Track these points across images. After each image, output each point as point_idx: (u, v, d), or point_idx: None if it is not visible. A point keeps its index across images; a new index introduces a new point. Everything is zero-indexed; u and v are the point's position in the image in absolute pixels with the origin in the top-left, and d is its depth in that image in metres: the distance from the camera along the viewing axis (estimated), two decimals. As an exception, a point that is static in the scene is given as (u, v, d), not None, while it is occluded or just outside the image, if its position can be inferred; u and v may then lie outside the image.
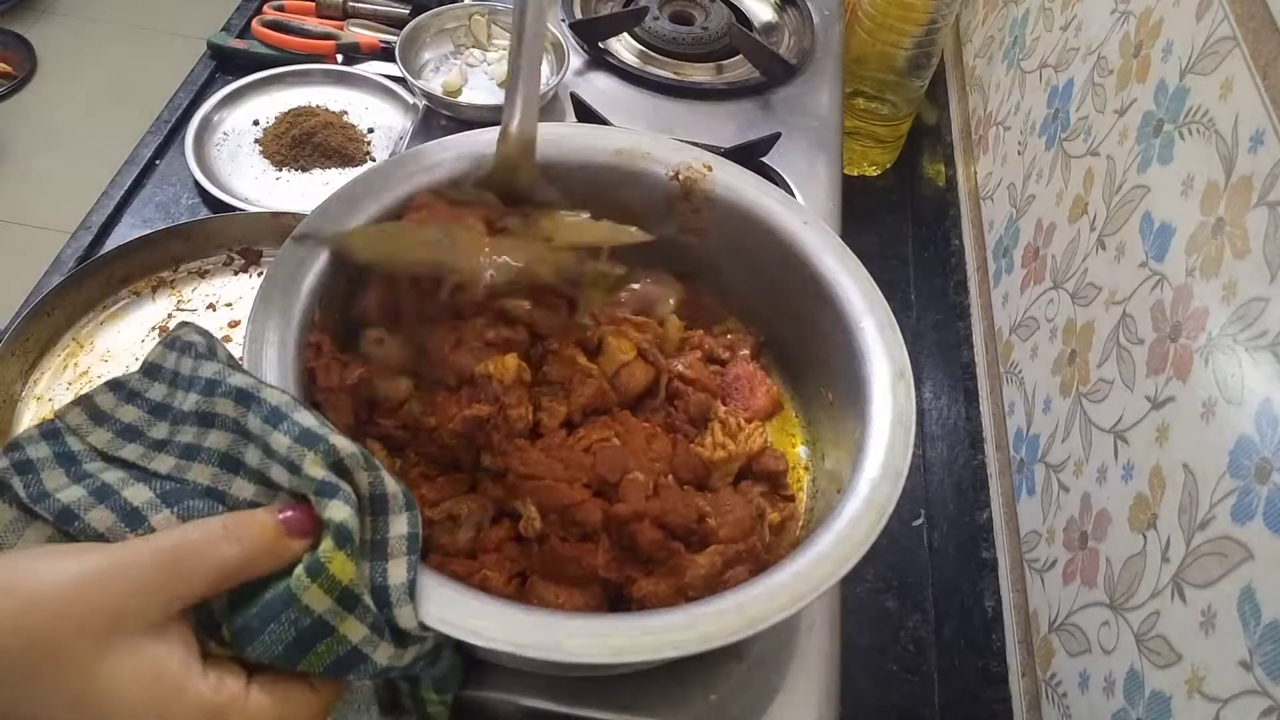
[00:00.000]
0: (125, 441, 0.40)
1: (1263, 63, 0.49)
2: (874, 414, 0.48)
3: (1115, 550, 0.54)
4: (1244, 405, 0.45)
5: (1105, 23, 0.70)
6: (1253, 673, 0.41)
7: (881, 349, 0.51)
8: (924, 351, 0.91)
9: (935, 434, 0.84)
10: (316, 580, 0.36)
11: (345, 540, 0.37)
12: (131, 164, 0.87)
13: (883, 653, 0.73)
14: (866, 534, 0.43)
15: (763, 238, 0.58)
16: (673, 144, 0.61)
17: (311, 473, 0.37)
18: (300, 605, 0.35)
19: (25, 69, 2.17)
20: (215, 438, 0.39)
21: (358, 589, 0.37)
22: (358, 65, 0.96)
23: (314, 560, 0.36)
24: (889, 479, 0.45)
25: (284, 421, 0.38)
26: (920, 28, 0.94)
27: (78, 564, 0.32)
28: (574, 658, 0.38)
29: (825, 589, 0.41)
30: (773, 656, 0.53)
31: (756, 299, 0.62)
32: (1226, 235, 0.49)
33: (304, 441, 0.37)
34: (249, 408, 0.39)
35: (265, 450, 0.38)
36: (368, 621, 0.37)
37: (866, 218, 1.03)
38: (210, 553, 0.35)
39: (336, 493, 0.37)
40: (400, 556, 0.39)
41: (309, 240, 0.50)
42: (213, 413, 0.39)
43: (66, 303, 0.73)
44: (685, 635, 0.39)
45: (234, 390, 0.39)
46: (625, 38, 0.94)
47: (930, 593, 0.76)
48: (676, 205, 0.60)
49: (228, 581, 0.35)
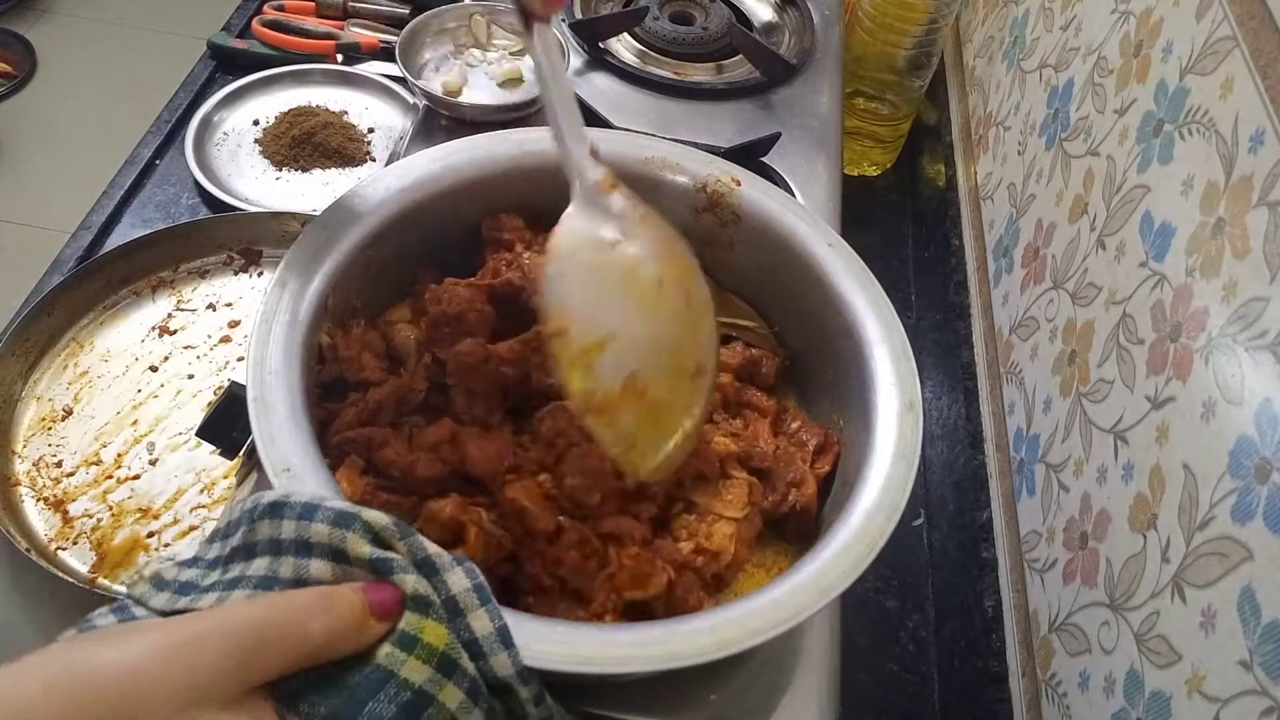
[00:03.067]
0: (180, 595, 0.39)
1: (1263, 63, 0.49)
2: (878, 445, 0.48)
3: (1115, 550, 0.54)
4: (1244, 405, 0.45)
5: (1105, 23, 0.70)
6: (1253, 673, 0.41)
7: (893, 379, 0.50)
8: (924, 351, 0.91)
9: (935, 434, 0.84)
10: (413, 652, 0.35)
11: (426, 606, 0.36)
12: (131, 164, 0.87)
13: (883, 653, 0.73)
14: (853, 565, 0.43)
15: (787, 256, 0.58)
16: (703, 156, 0.61)
17: (359, 552, 0.37)
18: (400, 680, 0.34)
19: (25, 69, 2.17)
20: (256, 565, 0.38)
21: (454, 653, 0.36)
22: (358, 65, 0.96)
23: (402, 634, 0.35)
24: (883, 512, 0.45)
25: (318, 512, 0.38)
26: (920, 28, 0.94)
27: (154, 639, 0.31)
28: (535, 662, 0.38)
29: (804, 618, 0.41)
30: (773, 656, 0.53)
31: (779, 317, 0.61)
32: (1226, 235, 0.49)
33: (341, 524, 0.37)
34: (282, 516, 0.38)
35: (302, 549, 0.37)
36: (464, 687, 0.36)
37: (866, 218, 1.03)
38: (296, 628, 0.33)
39: (392, 564, 0.37)
40: (477, 609, 0.38)
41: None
42: (254, 541, 0.39)
43: (66, 303, 0.73)
44: (655, 650, 0.39)
45: (267, 507, 0.39)
46: (625, 38, 0.94)
47: (930, 593, 0.76)
48: (703, 217, 0.60)
49: (312, 659, 0.34)
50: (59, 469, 0.67)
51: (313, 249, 0.51)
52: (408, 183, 0.55)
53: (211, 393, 0.72)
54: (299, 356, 0.47)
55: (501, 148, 0.59)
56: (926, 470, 0.83)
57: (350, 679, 0.34)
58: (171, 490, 0.66)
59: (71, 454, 0.67)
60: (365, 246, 0.53)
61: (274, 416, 0.44)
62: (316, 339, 0.49)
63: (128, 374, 0.72)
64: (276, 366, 0.46)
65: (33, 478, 0.66)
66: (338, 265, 0.51)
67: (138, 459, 0.68)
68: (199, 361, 0.74)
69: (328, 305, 0.50)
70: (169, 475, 0.67)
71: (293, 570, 0.37)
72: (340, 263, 0.51)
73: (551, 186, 0.60)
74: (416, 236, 0.56)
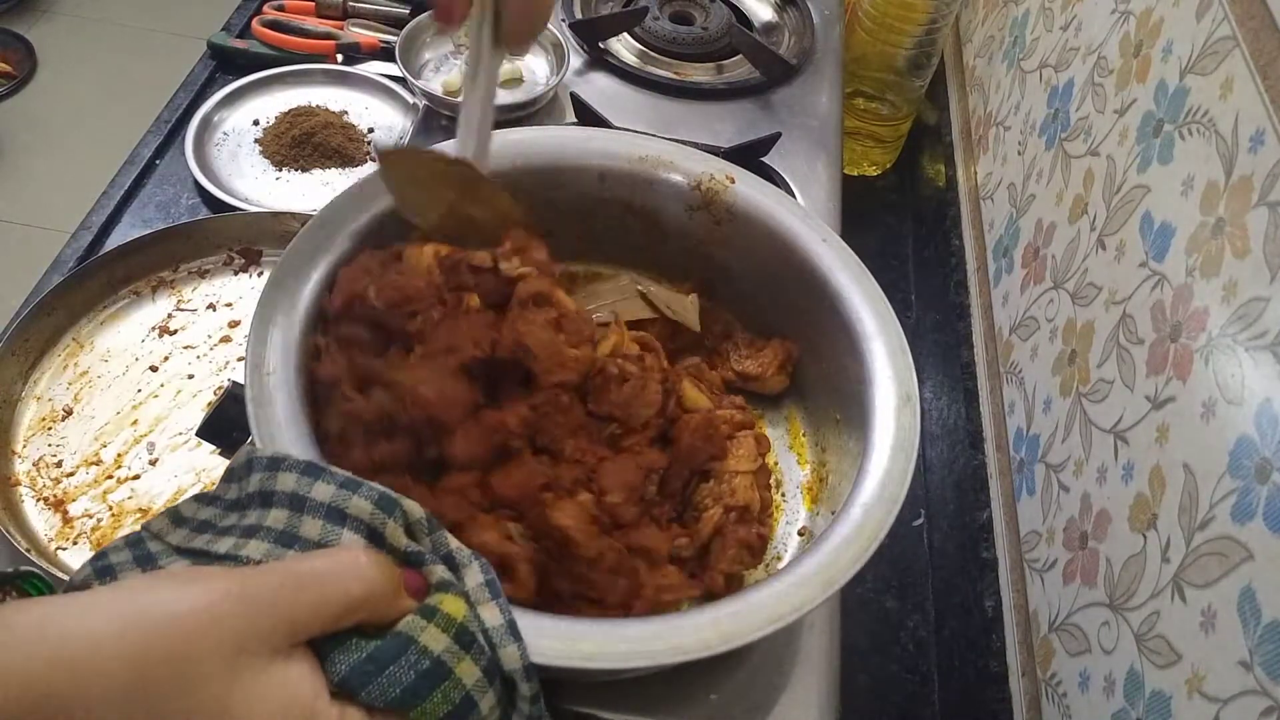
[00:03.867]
0: (197, 534, 0.40)
1: (1263, 63, 0.49)
2: (876, 438, 0.48)
3: (1115, 550, 0.54)
4: (1244, 405, 0.45)
5: (1105, 23, 0.70)
6: (1253, 673, 0.41)
7: (890, 373, 0.51)
8: (924, 351, 0.91)
9: (935, 434, 0.84)
10: (432, 620, 0.36)
11: (447, 587, 0.38)
12: (131, 164, 0.87)
13: (883, 653, 0.73)
14: (854, 559, 0.43)
15: (781, 253, 0.58)
16: (697, 154, 0.61)
17: (396, 541, 0.38)
18: (419, 647, 0.35)
19: (25, 69, 2.17)
20: (274, 515, 0.39)
21: (472, 625, 0.37)
22: (358, 65, 0.96)
23: (425, 606, 0.37)
24: (883, 505, 0.45)
25: (361, 488, 0.39)
26: (920, 28, 0.94)
27: (205, 587, 0.32)
28: (539, 659, 0.38)
29: (806, 612, 0.41)
30: (773, 656, 0.53)
31: (774, 314, 0.61)
32: (1226, 235, 0.49)
33: (384, 508, 0.38)
34: (316, 477, 0.39)
35: (335, 516, 0.38)
36: (481, 664, 0.37)
37: (866, 218, 1.03)
38: (337, 585, 0.34)
39: (424, 556, 0.39)
40: (488, 602, 0.39)
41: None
42: (272, 490, 0.39)
43: (66, 303, 0.73)
44: (659, 645, 0.39)
45: (298, 463, 0.39)
46: (625, 38, 0.94)
47: (930, 593, 0.76)
48: (697, 215, 0.60)
49: (348, 617, 0.35)
50: (59, 469, 0.67)
51: (310, 248, 0.51)
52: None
53: (211, 393, 0.72)
54: (296, 356, 0.47)
55: (501, 149, 0.59)
56: (927, 470, 0.83)
57: (372, 643, 0.35)
58: (171, 490, 0.66)
59: (71, 454, 0.67)
60: (364, 244, 0.52)
61: (272, 417, 0.44)
62: (314, 339, 0.49)
63: (128, 374, 0.72)
64: (275, 367, 0.46)
65: (33, 478, 0.66)
66: (335, 264, 0.51)
67: (138, 459, 0.68)
68: (199, 361, 0.74)
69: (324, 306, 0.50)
70: (169, 475, 0.67)
71: (319, 533, 0.38)
72: (337, 262, 0.51)
73: (555, 184, 0.61)
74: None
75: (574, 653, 0.38)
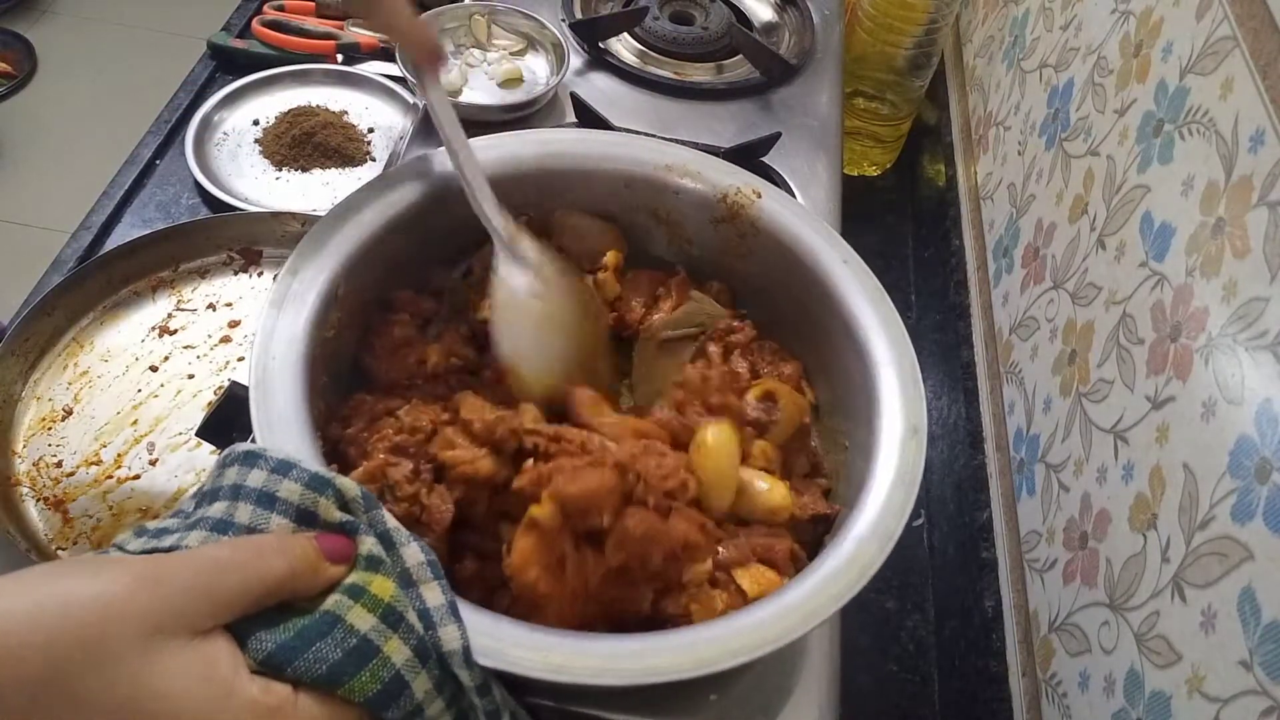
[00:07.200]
0: (154, 539, 0.41)
1: (1263, 63, 0.49)
2: (879, 470, 0.47)
3: (1115, 550, 0.54)
4: (1244, 405, 0.45)
5: (1105, 23, 0.70)
6: (1253, 673, 0.41)
7: (899, 402, 0.50)
8: (924, 351, 0.91)
9: (935, 434, 0.84)
10: (359, 600, 0.37)
11: (377, 564, 0.38)
12: (131, 164, 0.87)
13: (883, 653, 0.73)
14: (842, 591, 0.42)
15: (802, 272, 0.57)
16: (723, 165, 0.60)
17: (330, 516, 0.39)
18: (346, 625, 0.36)
19: (25, 69, 2.17)
20: (216, 507, 0.40)
21: (400, 606, 0.38)
22: (358, 65, 0.96)
23: (351, 584, 0.37)
24: (877, 539, 0.44)
25: (292, 470, 0.39)
26: (920, 28, 0.94)
27: (115, 573, 0.32)
28: (509, 667, 0.38)
29: (786, 643, 0.40)
30: (774, 657, 0.53)
31: (794, 333, 0.60)
32: (1226, 235, 0.49)
33: (315, 487, 0.39)
34: (253, 465, 0.39)
35: (265, 501, 0.39)
36: (411, 644, 0.37)
37: (866, 218, 1.03)
38: (257, 565, 0.35)
39: (358, 526, 0.39)
40: (430, 581, 0.39)
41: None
42: (219, 486, 0.40)
43: (66, 303, 0.73)
44: (630, 664, 0.39)
45: (240, 455, 0.40)
46: (625, 38, 0.94)
47: (930, 593, 0.76)
48: (722, 228, 0.60)
49: (270, 596, 0.35)
50: (59, 469, 0.67)
51: (327, 236, 0.50)
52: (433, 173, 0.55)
53: (211, 393, 0.72)
54: (304, 346, 0.46)
55: (526, 149, 0.59)
56: (926, 470, 0.83)
57: (299, 621, 0.36)
58: (172, 490, 0.66)
59: (71, 454, 0.67)
60: (382, 235, 0.52)
61: (273, 405, 0.44)
62: (325, 330, 0.49)
63: (128, 374, 0.72)
64: (280, 354, 0.45)
65: (33, 478, 0.66)
66: (351, 253, 0.51)
67: (138, 459, 0.68)
68: (199, 361, 0.74)
69: (338, 294, 0.50)
70: (169, 475, 0.67)
71: (249, 518, 0.38)
72: (353, 251, 0.51)
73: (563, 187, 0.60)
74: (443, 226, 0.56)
75: (544, 664, 0.38)
